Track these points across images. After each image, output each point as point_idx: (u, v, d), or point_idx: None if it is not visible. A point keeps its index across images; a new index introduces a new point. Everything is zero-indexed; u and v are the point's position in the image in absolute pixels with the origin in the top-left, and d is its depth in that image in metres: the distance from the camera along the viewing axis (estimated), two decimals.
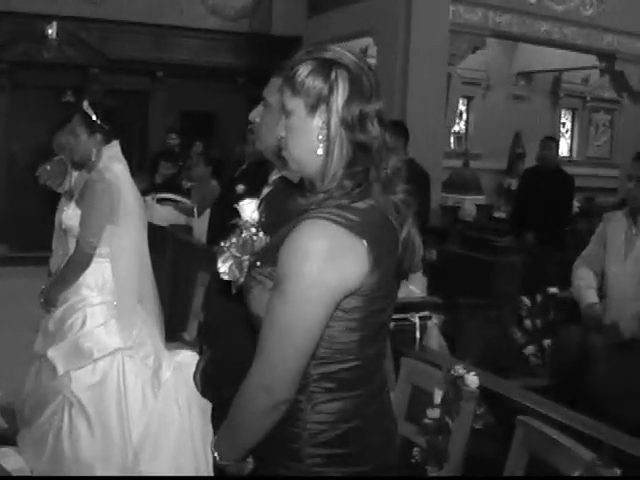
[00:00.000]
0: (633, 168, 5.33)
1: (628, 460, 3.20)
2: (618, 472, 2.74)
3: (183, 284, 7.01)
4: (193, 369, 3.34)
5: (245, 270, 2.37)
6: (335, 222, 2.12)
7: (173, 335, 5.68)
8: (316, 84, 2.23)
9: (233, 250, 2.41)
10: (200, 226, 8.07)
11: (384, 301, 2.26)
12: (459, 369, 3.66)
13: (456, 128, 17.82)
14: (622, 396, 4.65)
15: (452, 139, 17.76)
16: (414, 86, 12.19)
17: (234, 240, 2.43)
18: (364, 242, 2.13)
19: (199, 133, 12.74)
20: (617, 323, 5.10)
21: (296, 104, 2.27)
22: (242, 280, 2.37)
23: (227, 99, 14.64)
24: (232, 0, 15.67)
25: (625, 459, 3.14)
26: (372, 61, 13.20)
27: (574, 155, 20.26)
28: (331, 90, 2.22)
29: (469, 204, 15.32)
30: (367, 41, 13.59)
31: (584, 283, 5.44)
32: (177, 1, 15.06)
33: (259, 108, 3.16)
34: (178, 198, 9.60)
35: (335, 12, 14.12)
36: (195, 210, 8.99)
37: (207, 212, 7.58)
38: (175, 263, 7.72)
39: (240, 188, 4.67)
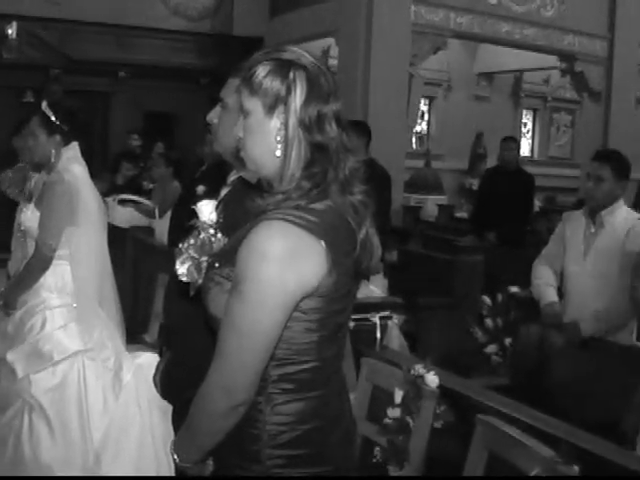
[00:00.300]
0: (591, 167, 5.37)
1: (587, 457, 3.22)
2: (577, 469, 2.76)
3: (144, 286, 6.99)
4: (154, 371, 3.33)
5: (203, 271, 2.36)
6: (293, 223, 2.12)
7: (134, 337, 5.65)
8: (274, 85, 2.22)
9: (191, 251, 2.40)
10: (161, 227, 8.04)
11: (342, 302, 2.26)
12: (419, 368, 3.67)
13: (418, 128, 17.91)
14: (581, 394, 4.69)
15: (414, 139, 17.84)
16: (376, 86, 12.21)
17: (192, 241, 2.42)
18: (322, 243, 2.13)
19: (161, 134, 12.70)
20: (577, 321, 5.14)
21: (254, 105, 2.26)
22: (200, 281, 2.37)
23: (189, 100, 14.58)
24: (194, 1, 15.62)
25: (584, 456, 3.17)
26: (334, 62, 13.27)
27: (535, 155, 20.41)
28: (289, 91, 2.21)
29: (431, 204, 15.39)
30: (329, 41, 13.62)
31: (544, 282, 5.48)
32: (139, 1, 14.97)
33: (217, 109, 3.15)
34: (139, 199, 9.54)
35: (297, 13, 14.13)
36: (156, 211, 8.94)
37: (168, 213, 7.55)
38: (136, 264, 7.69)
39: (200, 189, 4.65)
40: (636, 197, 9.58)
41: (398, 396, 3.69)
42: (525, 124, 20.44)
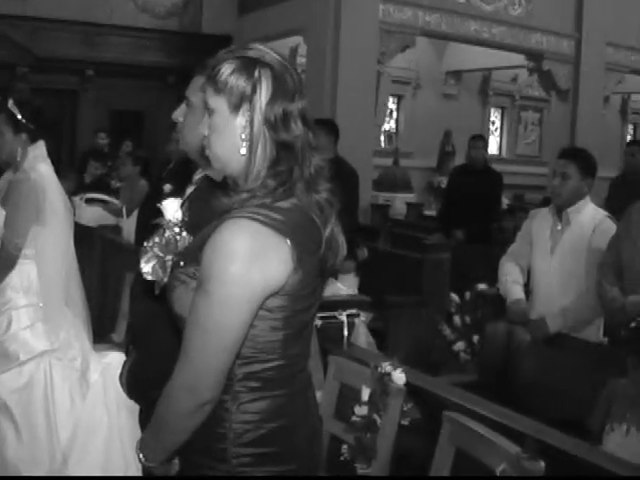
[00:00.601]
0: (557, 165, 5.39)
1: (552, 453, 3.24)
2: (542, 465, 2.77)
3: (112, 285, 6.95)
4: (120, 370, 3.32)
5: (168, 270, 2.36)
6: (258, 221, 2.12)
7: (103, 336, 5.62)
8: (239, 83, 2.22)
9: (156, 250, 2.39)
10: (129, 226, 8.00)
11: (308, 300, 2.27)
12: (386, 366, 3.67)
13: (386, 127, 17.95)
14: (548, 390, 4.71)
15: (382, 137, 17.87)
16: (344, 84, 12.24)
17: (157, 240, 2.42)
18: (287, 241, 2.13)
19: (129, 132, 12.67)
20: (543, 318, 5.17)
21: (219, 103, 2.25)
22: (165, 280, 2.36)
23: (157, 98, 14.55)
24: None
25: (549, 452, 3.19)
26: (302, 60, 13.27)
27: (503, 153, 20.51)
28: (254, 89, 2.21)
29: (399, 202, 15.42)
30: (297, 40, 13.63)
31: (510, 279, 5.50)
32: None
33: (182, 107, 3.14)
34: (107, 198, 9.50)
35: (265, 11, 14.14)
36: (124, 210, 8.91)
37: (136, 212, 7.51)
38: (104, 264, 7.65)
39: (167, 187, 4.62)
40: (609, 196, 9.64)
41: (365, 394, 3.70)
42: (493, 122, 20.53)
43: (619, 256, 4.92)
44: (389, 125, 18.21)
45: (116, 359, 4.76)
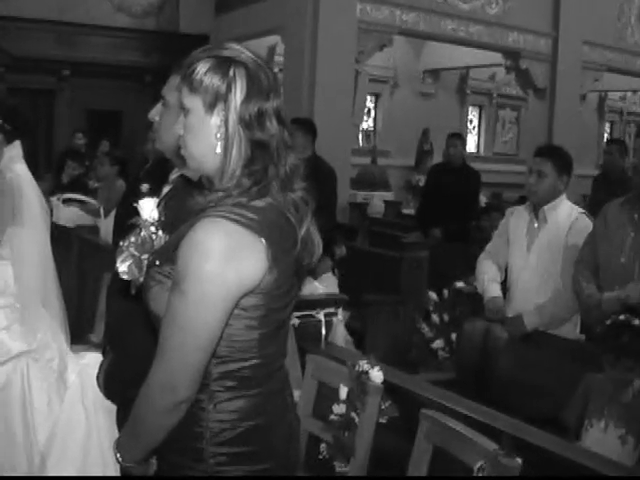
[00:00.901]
0: (533, 163, 5.41)
1: (529, 449, 3.26)
2: (519, 461, 2.78)
3: (90, 285, 6.93)
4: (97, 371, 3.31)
5: (144, 269, 2.35)
6: (233, 220, 2.12)
7: (81, 337, 5.60)
8: (214, 82, 2.22)
9: (132, 249, 2.39)
10: (106, 226, 7.98)
11: (284, 299, 2.27)
12: (364, 364, 3.68)
13: (364, 125, 17.94)
14: (526, 387, 4.73)
15: (360, 136, 17.85)
16: (322, 83, 12.22)
17: (133, 239, 2.42)
18: (262, 240, 2.13)
19: (106, 132, 12.62)
20: (520, 315, 5.18)
21: (194, 102, 2.26)
22: (141, 279, 2.36)
23: (134, 98, 14.50)
24: None
25: (526, 448, 3.20)
26: (280, 59, 13.26)
27: (481, 151, 20.53)
28: (229, 88, 2.21)
29: (377, 201, 15.43)
30: (275, 39, 13.62)
31: (487, 277, 5.51)
32: None
33: (158, 106, 3.14)
34: (84, 198, 9.45)
35: (243, 10, 14.11)
36: (101, 210, 8.88)
37: (113, 212, 7.49)
38: (81, 264, 7.63)
39: (144, 187, 4.62)
40: (593, 194, 9.70)
41: (343, 392, 3.70)
42: (471, 121, 20.56)
43: (595, 253, 4.96)
44: (367, 124, 18.20)
45: (94, 360, 4.73)
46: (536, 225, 5.36)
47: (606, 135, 22.40)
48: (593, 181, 9.96)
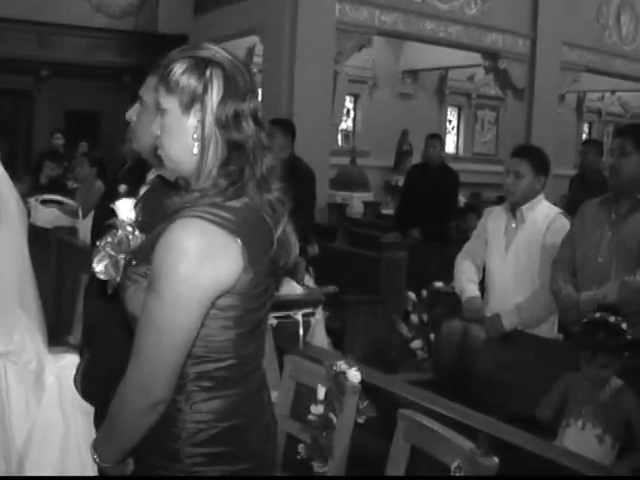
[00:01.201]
0: (510, 163, 5.42)
1: (506, 448, 3.27)
2: (496, 460, 2.79)
3: (68, 286, 6.92)
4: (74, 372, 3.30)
5: (121, 269, 2.35)
6: (209, 220, 2.12)
7: (59, 339, 5.59)
8: (190, 82, 2.22)
9: (108, 249, 2.39)
10: (85, 227, 7.96)
11: (260, 299, 2.27)
12: (341, 365, 3.68)
13: (343, 126, 17.98)
14: (504, 387, 4.74)
15: (340, 137, 17.91)
16: (301, 84, 12.24)
17: (109, 239, 2.41)
18: (238, 241, 2.14)
19: (85, 133, 12.59)
20: (498, 315, 5.19)
21: (171, 103, 2.26)
22: (118, 279, 2.36)
23: (113, 98, 14.46)
24: None
25: (503, 447, 3.21)
26: (259, 60, 13.26)
27: (460, 152, 20.62)
28: (205, 89, 2.21)
29: (357, 201, 15.47)
30: (254, 39, 13.63)
31: (465, 277, 5.52)
32: None
33: (136, 107, 3.14)
34: (63, 199, 9.44)
35: (221, 10, 14.11)
36: (80, 211, 8.85)
37: (92, 213, 7.48)
38: (60, 265, 7.61)
39: (122, 188, 4.61)
40: (570, 194, 9.73)
41: (321, 393, 3.70)
42: (450, 121, 20.65)
43: (573, 253, 4.98)
44: (346, 124, 18.25)
45: (72, 361, 4.71)
46: (514, 225, 5.37)
47: (584, 135, 22.53)
48: (570, 181, 10.01)
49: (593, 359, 4.07)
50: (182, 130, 2.25)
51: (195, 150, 2.24)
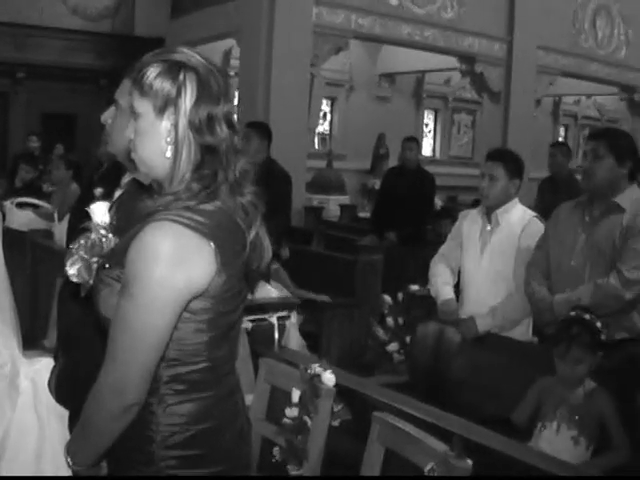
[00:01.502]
0: (485, 167, 5.44)
1: (480, 451, 3.28)
2: (470, 462, 2.81)
3: (44, 290, 6.89)
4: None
5: (94, 272, 2.35)
6: (181, 224, 2.13)
7: (34, 343, 5.56)
8: (164, 86, 2.22)
9: (81, 252, 2.39)
10: (61, 230, 7.93)
11: (233, 302, 2.27)
12: (316, 368, 3.69)
13: (320, 129, 17.99)
14: (479, 389, 4.76)
15: (316, 140, 17.90)
16: (277, 87, 12.24)
17: (82, 242, 2.41)
18: (211, 244, 2.14)
19: (61, 136, 12.54)
20: (473, 318, 5.21)
21: (144, 106, 2.26)
22: (91, 283, 2.35)
23: (89, 101, 14.39)
24: (94, 0, 15.43)
25: (476, 449, 3.22)
26: (235, 63, 13.25)
27: (437, 155, 20.69)
28: (179, 92, 2.22)
29: (333, 204, 15.47)
30: (230, 43, 13.64)
31: (440, 280, 5.54)
32: (37, 0, 14.72)
33: (111, 110, 3.14)
34: (38, 202, 9.39)
35: (198, 13, 14.09)
36: (55, 214, 8.82)
37: (68, 216, 7.45)
38: (35, 268, 7.58)
39: (98, 191, 4.60)
40: (538, 197, 9.76)
41: (295, 396, 3.71)
42: (427, 124, 20.71)
43: (547, 256, 5.01)
44: (323, 127, 18.27)
45: (46, 365, 4.69)
46: (489, 228, 5.39)
47: (560, 138, 22.61)
48: (540, 184, 10.02)
49: (567, 353, 4.09)
50: (155, 133, 2.25)
51: (168, 154, 2.24)
